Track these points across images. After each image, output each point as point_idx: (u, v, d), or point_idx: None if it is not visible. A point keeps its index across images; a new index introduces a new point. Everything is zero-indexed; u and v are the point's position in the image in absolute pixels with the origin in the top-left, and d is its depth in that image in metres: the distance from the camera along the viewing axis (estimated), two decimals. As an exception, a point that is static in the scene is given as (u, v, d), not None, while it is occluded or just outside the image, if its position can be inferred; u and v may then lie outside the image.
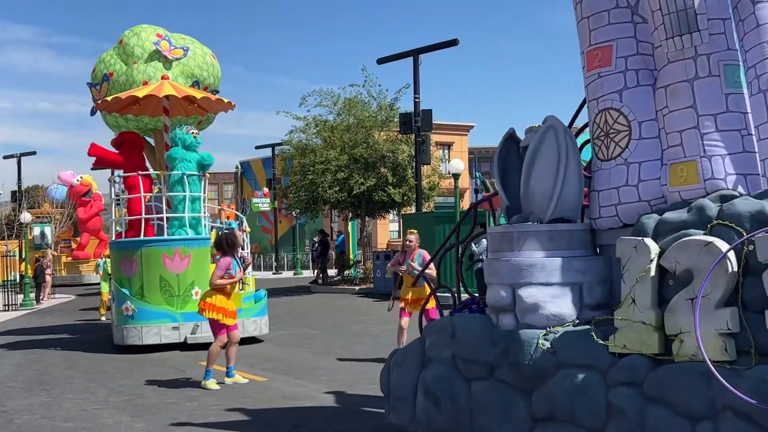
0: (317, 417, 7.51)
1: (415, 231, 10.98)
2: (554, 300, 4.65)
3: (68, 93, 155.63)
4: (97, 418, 7.82)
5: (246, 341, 12.34)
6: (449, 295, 6.26)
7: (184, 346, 12.70)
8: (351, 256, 30.82)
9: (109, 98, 14.37)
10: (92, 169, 15.72)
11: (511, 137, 5.32)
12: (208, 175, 14.50)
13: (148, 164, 15.58)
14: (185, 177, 13.67)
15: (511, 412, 4.69)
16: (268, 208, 37.46)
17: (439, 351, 5.20)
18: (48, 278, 26.96)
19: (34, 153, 37.00)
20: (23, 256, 26.95)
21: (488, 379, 4.86)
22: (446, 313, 5.97)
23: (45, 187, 43.15)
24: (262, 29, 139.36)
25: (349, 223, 32.62)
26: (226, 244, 9.67)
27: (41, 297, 26.07)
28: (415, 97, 25.26)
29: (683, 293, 4.06)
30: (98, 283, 21.69)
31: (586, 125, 5.41)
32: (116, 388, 9.53)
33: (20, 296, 24.48)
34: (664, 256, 4.16)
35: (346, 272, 28.56)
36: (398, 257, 10.83)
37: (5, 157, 37.16)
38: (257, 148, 42.13)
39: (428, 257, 10.53)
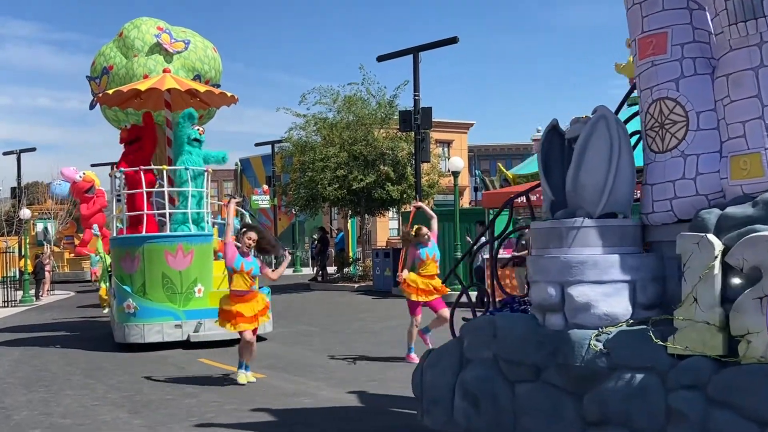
0: (316, 414, 7.49)
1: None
2: (606, 299, 4.43)
3: (68, 89, 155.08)
4: (95, 415, 7.81)
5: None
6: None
7: (187, 345, 12.50)
8: (350, 254, 30.79)
9: (110, 91, 14.12)
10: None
11: (554, 129, 5.09)
12: (210, 170, 14.27)
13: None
14: (189, 172, 13.45)
15: (560, 414, 4.47)
16: (268, 206, 37.38)
17: (479, 351, 4.97)
18: (47, 275, 26.84)
19: (33, 149, 36.66)
20: (23, 253, 26.79)
21: (534, 381, 4.64)
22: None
23: (44, 183, 43.02)
24: (262, 26, 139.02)
25: (349, 221, 32.56)
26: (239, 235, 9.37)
27: (40, 293, 25.95)
28: (414, 95, 25.18)
29: (750, 292, 3.85)
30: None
31: (632, 116, 5.20)
32: (115, 385, 9.52)
33: (19, 292, 24.38)
34: (730, 253, 3.95)
35: (346, 270, 28.55)
36: (413, 251, 10.68)
37: (5, 154, 36.98)
38: (257, 145, 41.96)
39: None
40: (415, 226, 10.88)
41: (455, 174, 21.85)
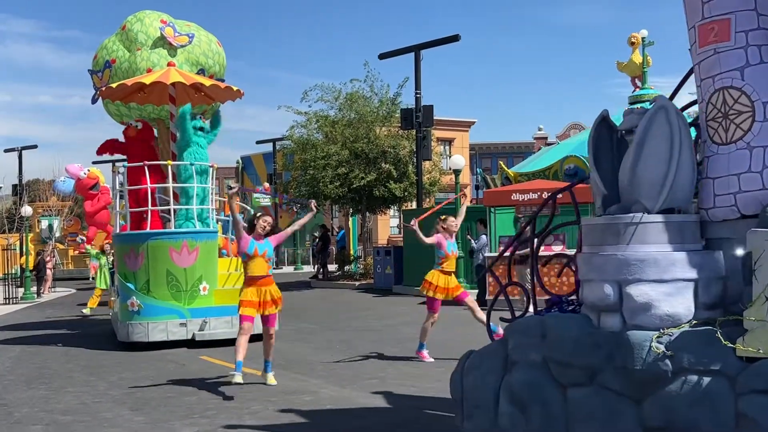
0: (317, 412, 7.43)
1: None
2: (668, 299, 4.19)
3: (69, 87, 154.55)
4: (96, 412, 7.78)
5: (254, 338, 12.04)
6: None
7: (191, 344, 12.24)
8: (351, 252, 30.70)
9: (113, 85, 13.79)
10: (97, 154, 15.13)
11: (603, 120, 4.86)
12: (215, 165, 14.02)
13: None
14: (194, 168, 13.18)
15: (617, 420, 4.24)
16: (269, 203, 37.28)
17: (526, 354, 4.72)
18: (49, 272, 26.67)
19: (35, 147, 36.52)
20: (24, 250, 26.57)
21: (588, 385, 4.39)
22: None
23: (46, 180, 42.79)
24: (263, 24, 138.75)
25: (350, 219, 32.45)
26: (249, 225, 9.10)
27: (42, 290, 25.76)
28: (416, 93, 25.11)
29: (828, 292, 3.63)
30: None
31: (689, 105, 4.97)
32: (116, 382, 9.48)
33: (21, 290, 24.20)
34: (806, 250, 3.73)
35: (347, 268, 28.50)
36: (440, 237, 10.48)
37: (6, 151, 36.86)
38: (258, 143, 41.90)
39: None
40: (443, 216, 10.74)
41: (456, 172, 21.72)
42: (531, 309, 12.06)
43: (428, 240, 10.44)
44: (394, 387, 8.47)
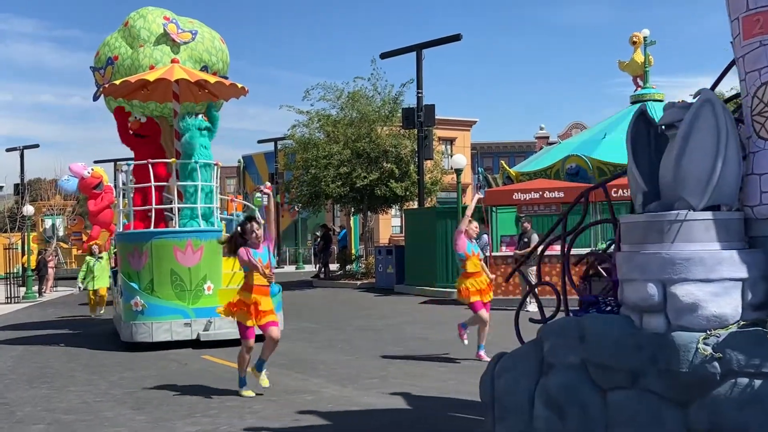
0: (317, 411, 7.44)
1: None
2: (715, 299, 4.05)
3: (70, 86, 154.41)
4: (98, 411, 7.80)
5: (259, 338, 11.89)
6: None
7: (196, 344, 12.12)
8: (353, 251, 30.63)
9: (117, 82, 13.55)
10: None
11: (642, 115, 4.70)
12: (219, 163, 13.91)
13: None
14: (198, 166, 13.03)
15: (660, 424, 4.09)
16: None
17: (563, 356, 4.56)
18: (51, 271, 26.58)
19: (36, 146, 36.29)
20: (26, 249, 26.37)
21: (630, 389, 4.24)
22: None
23: (47, 180, 42.62)
24: (264, 23, 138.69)
25: (351, 218, 32.36)
26: (238, 237, 8.54)
27: (43, 290, 25.67)
28: (417, 92, 25.07)
29: None
30: None
31: (731, 98, 4.81)
32: (117, 381, 9.50)
33: (22, 289, 24.05)
34: None
35: (348, 267, 28.47)
36: (462, 241, 10.38)
37: (8, 150, 36.70)
38: (260, 142, 41.79)
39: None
40: (469, 220, 10.55)
41: (458, 171, 21.60)
42: (531, 307, 11.80)
43: (459, 238, 10.34)
44: (395, 386, 8.48)
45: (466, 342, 10.35)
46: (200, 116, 13.83)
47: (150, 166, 13.18)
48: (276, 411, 7.49)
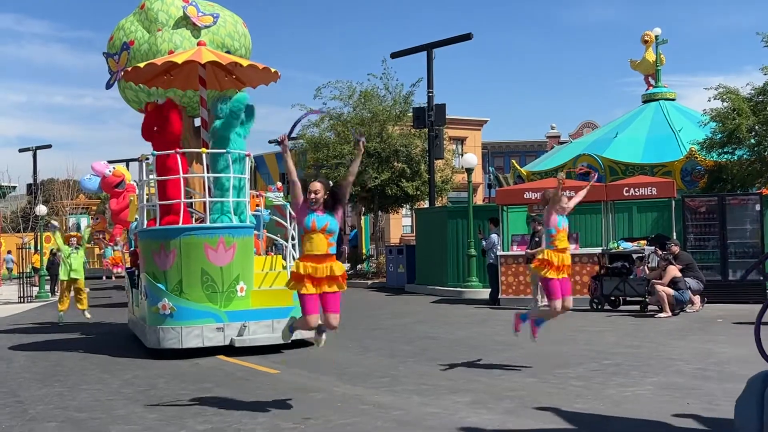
0: (329, 409, 7.42)
1: None
2: None
3: (83, 87, 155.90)
4: (110, 409, 7.80)
5: (299, 344, 11.42)
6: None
7: (230, 351, 11.19)
8: (364, 251, 30.69)
9: (141, 65, 12.29)
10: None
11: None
12: (251, 155, 12.84)
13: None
14: (231, 157, 11.87)
15: None
16: (282, 203, 37.23)
17: None
18: None
19: (49, 146, 36.64)
20: (38, 249, 26.58)
21: None
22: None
23: (59, 180, 42.92)
24: (274, 23, 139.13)
25: (362, 218, 32.45)
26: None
27: (56, 289, 25.83)
28: (428, 92, 25.13)
29: None
30: (122, 276, 19.68)
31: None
32: (129, 380, 9.49)
33: (35, 288, 24.19)
34: None
35: (359, 266, 28.51)
36: (552, 217, 9.23)
37: (21, 150, 37.07)
38: (270, 142, 41.89)
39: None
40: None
41: (469, 171, 21.71)
42: (541, 303, 11.39)
43: (552, 215, 9.20)
44: (406, 385, 8.46)
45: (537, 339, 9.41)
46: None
47: (178, 156, 12.07)
48: (287, 409, 7.49)
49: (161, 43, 14.31)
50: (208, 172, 12.07)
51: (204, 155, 12.06)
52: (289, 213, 13.43)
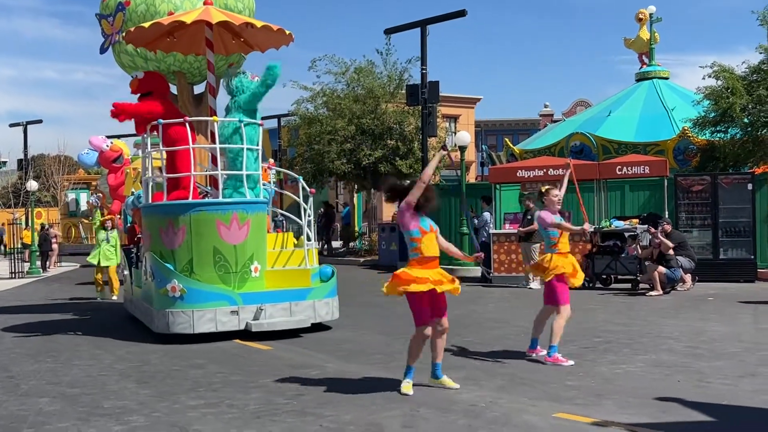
0: (323, 385, 7.45)
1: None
2: None
3: (74, 62, 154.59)
4: (103, 384, 7.81)
5: (316, 327, 10.97)
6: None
7: (245, 335, 10.40)
8: (356, 228, 30.68)
9: (146, 24, 11.36)
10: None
11: None
12: (263, 124, 11.98)
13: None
14: (243, 125, 11.02)
15: None
16: (274, 180, 37.22)
17: None
18: (55, 246, 26.74)
19: (40, 121, 36.25)
20: (29, 224, 26.54)
21: None
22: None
23: (50, 155, 42.60)
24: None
25: (355, 195, 32.42)
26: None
27: (48, 265, 25.81)
28: (422, 69, 24.93)
29: None
30: None
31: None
32: (122, 355, 9.48)
33: (26, 264, 24.21)
34: None
35: (352, 244, 28.51)
36: (546, 214, 8.59)
37: (11, 125, 36.77)
38: (263, 118, 41.54)
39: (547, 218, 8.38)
40: (546, 187, 8.86)
41: (462, 149, 21.64)
42: (534, 284, 11.26)
43: (546, 215, 8.58)
44: (399, 362, 8.43)
45: (571, 362, 8.18)
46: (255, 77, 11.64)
47: (187, 124, 11.17)
48: (281, 385, 7.50)
49: (160, 3, 13.37)
50: (214, 143, 11.26)
51: (216, 123, 11.26)
52: (302, 186, 12.54)
